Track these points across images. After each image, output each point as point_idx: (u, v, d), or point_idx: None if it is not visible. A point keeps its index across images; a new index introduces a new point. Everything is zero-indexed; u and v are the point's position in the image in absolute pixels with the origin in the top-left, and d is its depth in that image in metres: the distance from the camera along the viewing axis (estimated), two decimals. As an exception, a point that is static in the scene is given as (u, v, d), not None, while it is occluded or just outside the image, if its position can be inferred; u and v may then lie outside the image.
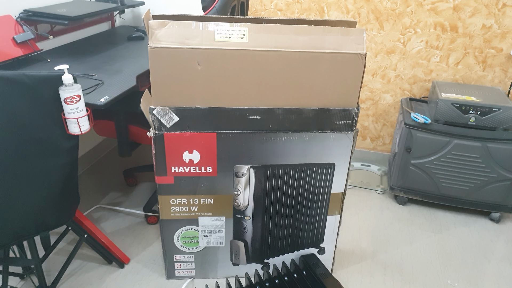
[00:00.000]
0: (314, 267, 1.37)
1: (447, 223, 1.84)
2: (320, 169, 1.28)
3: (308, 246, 1.46)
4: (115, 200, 1.93)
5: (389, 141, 2.22)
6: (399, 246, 1.69)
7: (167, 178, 1.26)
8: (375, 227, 1.80)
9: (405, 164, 1.84)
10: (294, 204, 1.35)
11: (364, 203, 1.96)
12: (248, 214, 1.35)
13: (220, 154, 1.23)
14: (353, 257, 1.62)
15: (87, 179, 2.10)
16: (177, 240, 1.40)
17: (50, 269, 1.52)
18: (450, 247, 1.69)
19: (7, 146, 1.04)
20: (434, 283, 1.50)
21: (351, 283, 1.50)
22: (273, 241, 1.42)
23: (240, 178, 1.28)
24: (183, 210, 1.33)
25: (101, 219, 1.80)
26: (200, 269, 1.48)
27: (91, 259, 1.58)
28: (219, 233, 1.40)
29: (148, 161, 2.23)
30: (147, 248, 1.65)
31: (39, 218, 1.17)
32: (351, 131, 1.22)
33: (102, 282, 1.47)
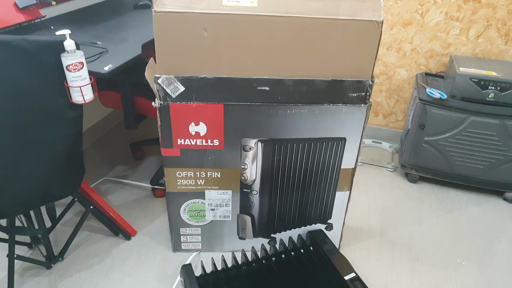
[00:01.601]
0: (321, 243, 1.35)
1: (459, 202, 1.80)
2: (331, 143, 1.24)
3: (316, 222, 1.44)
4: (122, 173, 1.92)
5: (402, 117, 2.15)
6: (408, 224, 1.66)
7: (173, 151, 1.23)
8: (385, 205, 1.76)
9: (418, 142, 1.78)
10: (302, 179, 1.31)
11: (374, 181, 1.92)
12: (255, 188, 1.32)
13: (227, 127, 1.19)
14: (361, 234, 1.60)
15: (94, 152, 2.09)
16: (184, 213, 1.38)
17: (57, 240, 1.52)
18: (461, 226, 1.66)
19: (10, 115, 1.01)
20: (442, 262, 1.47)
21: (358, 260, 1.48)
22: (280, 216, 1.40)
23: (248, 152, 1.25)
24: (189, 183, 1.31)
25: (108, 192, 1.80)
26: (206, 243, 1.47)
27: (98, 230, 1.58)
28: (225, 207, 1.38)
29: (155, 134, 2.21)
30: (154, 221, 1.64)
31: (44, 188, 1.16)
32: (364, 104, 1.17)
33: (109, 253, 1.47)
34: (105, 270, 1.40)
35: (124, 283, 1.35)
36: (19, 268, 1.39)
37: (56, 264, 1.42)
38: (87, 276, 1.37)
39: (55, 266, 1.41)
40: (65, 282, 1.35)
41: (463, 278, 1.41)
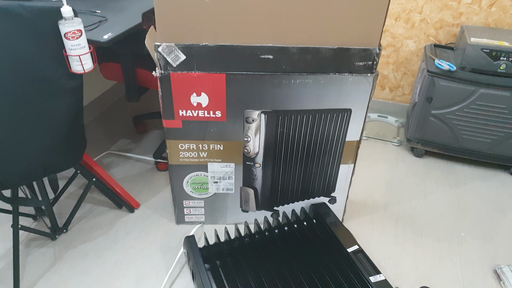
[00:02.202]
0: (324, 215, 1.35)
1: (465, 177, 1.78)
2: (336, 115, 1.22)
3: (319, 195, 1.43)
4: (125, 147, 1.91)
5: (409, 91, 2.11)
6: (413, 199, 1.64)
7: (175, 122, 1.21)
8: (389, 179, 1.75)
9: (425, 115, 1.75)
10: (306, 151, 1.29)
11: (379, 155, 1.90)
12: (258, 161, 1.31)
13: (229, 98, 1.16)
14: (364, 208, 1.59)
15: (97, 125, 2.07)
16: (187, 185, 1.37)
17: (61, 212, 1.53)
18: (466, 201, 1.64)
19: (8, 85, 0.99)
20: (446, 236, 1.47)
21: (361, 233, 1.47)
22: (283, 189, 1.39)
23: (251, 124, 1.22)
24: (192, 155, 1.30)
25: (111, 165, 1.79)
26: (209, 215, 1.47)
27: (102, 203, 1.58)
28: (228, 179, 1.37)
29: (157, 108, 2.19)
30: (157, 194, 1.64)
31: (45, 160, 1.15)
32: (371, 74, 1.13)
33: (112, 225, 1.48)
34: (109, 242, 1.41)
35: (128, 254, 1.36)
36: (25, 239, 1.40)
37: (61, 236, 1.43)
38: (91, 248, 1.38)
39: (60, 237, 1.42)
40: (70, 253, 1.36)
41: (466, 252, 1.41)
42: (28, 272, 1.29)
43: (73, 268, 1.31)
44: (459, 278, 1.31)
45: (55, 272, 1.29)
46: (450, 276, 1.31)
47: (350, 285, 1.12)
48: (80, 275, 1.28)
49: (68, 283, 1.26)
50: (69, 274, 1.29)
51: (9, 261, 1.32)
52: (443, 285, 1.28)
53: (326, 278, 1.15)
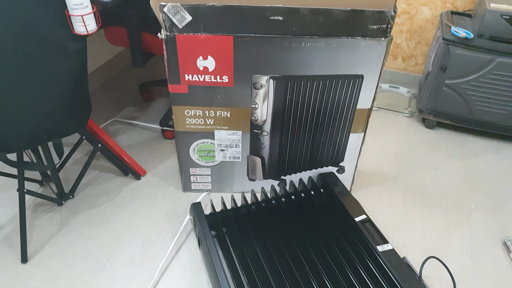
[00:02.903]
0: (332, 185, 1.33)
1: (477, 149, 1.74)
2: (347, 81, 1.17)
3: (327, 164, 1.40)
4: (131, 115, 1.89)
5: (422, 61, 2.05)
6: (422, 170, 1.62)
7: (181, 87, 1.18)
8: (399, 150, 1.72)
9: (438, 85, 1.69)
10: (315, 119, 1.26)
11: (389, 126, 1.86)
12: (266, 129, 1.28)
13: (237, 62, 1.12)
14: (373, 179, 1.56)
15: (102, 93, 2.05)
16: (193, 153, 1.36)
17: (67, 178, 1.53)
18: (477, 173, 1.61)
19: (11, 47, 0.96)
20: (456, 208, 1.45)
21: (369, 203, 1.46)
22: (291, 158, 1.36)
23: (259, 90, 1.19)
24: (198, 122, 1.27)
25: (117, 133, 1.78)
26: (216, 183, 1.45)
27: (108, 170, 1.57)
28: (235, 147, 1.34)
29: (164, 75, 2.14)
30: (164, 162, 1.62)
31: (50, 124, 1.14)
32: (385, 38, 1.08)
33: (119, 192, 1.47)
34: (115, 208, 1.41)
35: (134, 220, 1.36)
36: (31, 204, 1.41)
37: (67, 202, 1.43)
38: (97, 213, 1.38)
39: (66, 203, 1.42)
40: (76, 218, 1.36)
41: (476, 224, 1.39)
42: (36, 236, 1.30)
43: (79, 233, 1.31)
44: (468, 250, 1.29)
45: (62, 237, 1.30)
46: (459, 247, 1.30)
47: (357, 254, 1.11)
48: (87, 240, 1.29)
49: (75, 248, 1.26)
50: (76, 239, 1.29)
51: (17, 225, 1.33)
52: (451, 256, 1.27)
53: (333, 246, 1.14)
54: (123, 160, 1.50)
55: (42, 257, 1.23)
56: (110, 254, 1.25)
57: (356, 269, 1.08)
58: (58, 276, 1.18)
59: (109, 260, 1.23)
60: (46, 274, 1.18)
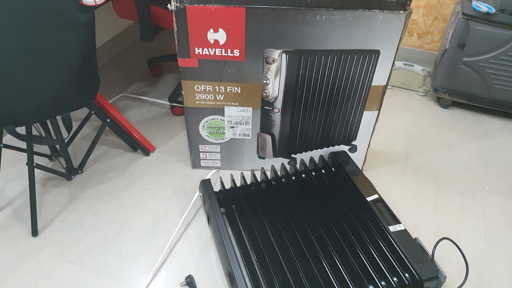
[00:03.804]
0: (343, 164, 1.30)
1: (493, 129, 1.69)
2: (363, 56, 1.13)
3: (339, 143, 1.37)
4: (140, 90, 1.87)
5: (438, 38, 1.98)
6: (436, 150, 1.58)
7: (191, 61, 1.15)
8: (413, 130, 1.68)
9: (455, 63, 1.64)
10: (329, 96, 1.23)
11: (403, 105, 1.82)
12: (277, 106, 1.25)
13: (248, 35, 1.09)
14: (385, 158, 1.53)
15: (111, 68, 2.02)
16: (203, 129, 1.33)
17: (76, 153, 1.52)
18: (493, 154, 1.57)
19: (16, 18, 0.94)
20: (470, 189, 1.41)
21: (381, 183, 1.43)
22: (302, 136, 1.34)
23: (271, 65, 1.15)
24: (208, 98, 1.24)
25: (125, 108, 1.76)
26: (225, 161, 1.44)
27: (117, 146, 1.56)
28: (245, 124, 1.32)
29: (173, 50, 2.11)
30: (173, 138, 1.61)
31: (58, 97, 1.12)
32: (404, 11, 1.03)
33: (128, 168, 1.47)
34: (124, 184, 1.40)
35: (143, 196, 1.36)
36: (41, 178, 1.41)
37: (76, 176, 1.42)
38: (106, 189, 1.38)
39: (75, 178, 1.42)
40: (85, 193, 1.36)
41: (490, 205, 1.36)
42: (45, 210, 1.30)
43: (88, 208, 1.31)
44: (481, 232, 1.27)
45: (71, 211, 1.30)
46: (472, 229, 1.28)
47: (369, 234, 1.10)
48: (96, 215, 1.29)
49: (84, 222, 1.26)
50: (85, 214, 1.29)
51: (26, 199, 1.33)
52: (464, 238, 1.25)
53: (344, 225, 1.13)
54: (132, 136, 1.49)
55: (52, 231, 1.23)
56: (119, 229, 1.25)
57: (367, 248, 1.06)
58: (68, 249, 1.18)
59: (118, 235, 1.23)
60: (56, 247, 1.19)
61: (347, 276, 1.00)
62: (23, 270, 1.13)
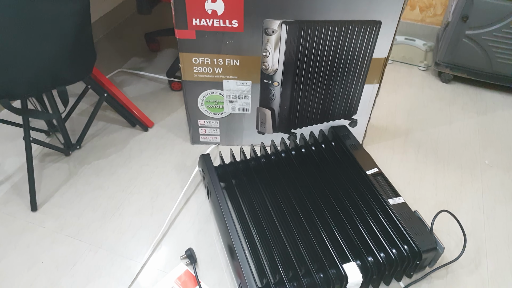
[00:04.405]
0: (343, 138, 1.29)
1: (494, 104, 1.68)
2: (364, 27, 1.11)
3: (340, 117, 1.36)
4: (138, 65, 1.84)
5: (441, 11, 1.94)
6: (437, 125, 1.57)
7: (188, 32, 1.12)
8: (413, 105, 1.66)
9: (458, 36, 1.61)
10: (329, 68, 1.21)
11: (403, 80, 1.80)
12: (277, 79, 1.23)
13: (247, 5, 1.06)
14: (386, 133, 1.52)
15: (108, 43, 1.99)
16: (201, 104, 1.32)
17: (74, 129, 1.51)
18: (494, 129, 1.56)
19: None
20: (470, 163, 1.41)
21: (381, 158, 1.43)
22: (302, 110, 1.32)
23: (270, 36, 1.13)
24: (206, 71, 1.22)
25: (123, 84, 1.74)
26: (225, 136, 1.43)
27: (115, 121, 1.55)
28: (245, 99, 1.30)
29: (170, 24, 2.07)
30: (172, 114, 1.59)
31: (53, 69, 1.09)
32: (408, -21, 1.00)
33: (126, 143, 1.46)
34: (123, 159, 1.39)
35: (142, 171, 1.35)
36: (39, 154, 1.40)
37: (74, 152, 1.41)
38: (105, 164, 1.37)
39: (74, 153, 1.41)
40: (84, 168, 1.36)
41: (489, 179, 1.36)
42: (44, 185, 1.30)
43: (87, 183, 1.31)
44: (480, 205, 1.27)
45: (70, 187, 1.29)
46: (471, 202, 1.28)
47: (368, 206, 1.10)
48: (95, 190, 1.29)
49: (83, 198, 1.26)
50: (84, 189, 1.29)
51: (25, 175, 1.32)
52: (463, 210, 1.25)
53: (343, 198, 1.13)
54: (130, 111, 1.47)
55: (51, 206, 1.23)
56: (119, 204, 1.25)
57: (366, 221, 1.07)
58: (67, 224, 1.18)
59: (118, 210, 1.23)
60: (56, 222, 1.19)
61: (346, 248, 1.01)
62: (24, 244, 1.13)
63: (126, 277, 1.06)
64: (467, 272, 1.09)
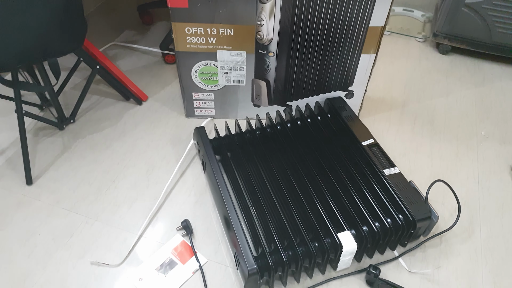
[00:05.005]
0: (340, 110, 1.28)
1: (492, 75, 1.66)
2: (360, -6, 1.08)
3: (336, 88, 1.35)
4: (131, 38, 1.81)
5: (440, -20, 1.89)
6: (434, 97, 1.56)
7: (181, 1, 1.09)
8: (410, 76, 1.64)
9: (457, 6, 1.58)
10: (325, 38, 1.18)
11: (401, 52, 1.77)
12: (272, 49, 1.21)
13: (241, -29, 1.03)
14: (382, 105, 1.51)
15: (100, 16, 1.94)
16: (195, 76, 1.30)
17: (67, 103, 1.49)
18: (491, 100, 1.55)
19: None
20: (466, 134, 1.41)
21: (377, 130, 1.42)
22: (298, 81, 1.30)
23: (265, 4, 1.10)
24: (200, 41, 1.20)
25: (116, 57, 1.71)
26: (220, 109, 1.41)
27: (108, 95, 1.53)
28: (239, 70, 1.28)
29: (164, -2, 2.02)
30: (166, 87, 1.57)
31: (42, 40, 1.07)
32: None
33: (120, 117, 1.44)
34: (118, 133, 1.38)
35: (137, 145, 1.34)
36: (32, 128, 1.39)
37: (68, 126, 1.40)
38: (100, 138, 1.36)
39: (67, 128, 1.40)
40: (78, 143, 1.35)
41: (485, 151, 1.36)
42: (39, 160, 1.29)
43: (82, 157, 1.30)
44: (475, 175, 1.28)
45: (65, 161, 1.29)
46: (466, 173, 1.28)
47: (363, 177, 1.10)
48: (90, 164, 1.28)
49: (78, 171, 1.26)
50: (79, 163, 1.28)
51: (19, 149, 1.31)
52: (458, 181, 1.26)
53: (338, 169, 1.12)
54: (124, 85, 1.45)
55: (46, 180, 1.23)
56: (114, 177, 1.24)
57: (361, 191, 1.07)
58: (63, 197, 1.18)
59: (113, 183, 1.23)
60: (51, 195, 1.19)
61: (341, 218, 1.01)
62: (20, 217, 1.13)
63: (122, 248, 1.07)
64: (460, 240, 1.10)
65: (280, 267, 0.93)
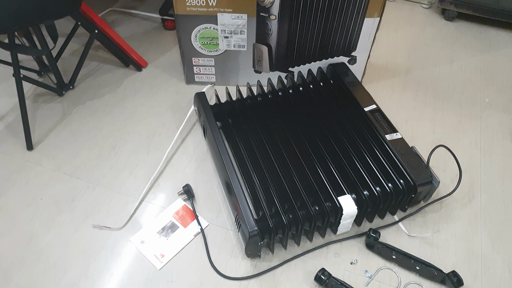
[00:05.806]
0: (342, 75, 1.26)
1: (498, 42, 1.63)
2: (366, -48, 1.04)
3: (339, 54, 1.32)
4: (129, 4, 1.76)
5: None
6: (438, 64, 1.53)
7: (179, -40, 1.06)
8: (414, 43, 1.61)
9: (465, -31, 1.53)
10: (328, 1, 1.15)
11: (405, 19, 1.73)
12: (274, 12, 1.18)
13: None
14: (385, 72, 1.49)
15: (97, -20, 1.89)
16: (195, 40, 1.27)
17: (66, 70, 1.47)
18: (496, 67, 1.52)
19: None
20: (469, 101, 1.39)
21: (380, 96, 1.40)
22: (300, 46, 1.28)
23: (266, -36, 1.06)
24: (200, 3, 1.17)
25: (115, 23, 1.67)
26: (220, 76, 1.39)
27: (108, 61, 1.51)
28: (240, 34, 1.25)
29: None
30: (165, 53, 1.55)
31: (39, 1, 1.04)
32: None
33: (120, 83, 1.43)
34: (117, 99, 1.37)
35: (137, 111, 1.33)
36: (31, 94, 1.37)
37: (68, 92, 1.39)
38: (99, 104, 1.35)
39: (67, 94, 1.38)
40: (78, 109, 1.34)
41: (489, 117, 1.34)
42: (39, 126, 1.28)
43: (82, 124, 1.29)
44: (477, 142, 1.27)
45: (65, 127, 1.28)
46: (468, 139, 1.27)
47: (365, 142, 1.09)
48: (90, 130, 1.27)
49: (79, 137, 1.25)
50: (79, 129, 1.28)
51: (18, 115, 1.31)
52: (460, 147, 1.25)
53: (340, 135, 1.12)
54: (124, 50, 1.43)
55: (47, 146, 1.23)
56: (115, 143, 1.24)
57: (362, 156, 1.06)
58: (64, 162, 1.18)
59: (114, 149, 1.23)
60: (52, 161, 1.19)
61: (342, 182, 1.01)
62: (22, 181, 1.14)
63: (124, 212, 1.08)
64: (460, 205, 1.11)
65: (281, 229, 0.94)
